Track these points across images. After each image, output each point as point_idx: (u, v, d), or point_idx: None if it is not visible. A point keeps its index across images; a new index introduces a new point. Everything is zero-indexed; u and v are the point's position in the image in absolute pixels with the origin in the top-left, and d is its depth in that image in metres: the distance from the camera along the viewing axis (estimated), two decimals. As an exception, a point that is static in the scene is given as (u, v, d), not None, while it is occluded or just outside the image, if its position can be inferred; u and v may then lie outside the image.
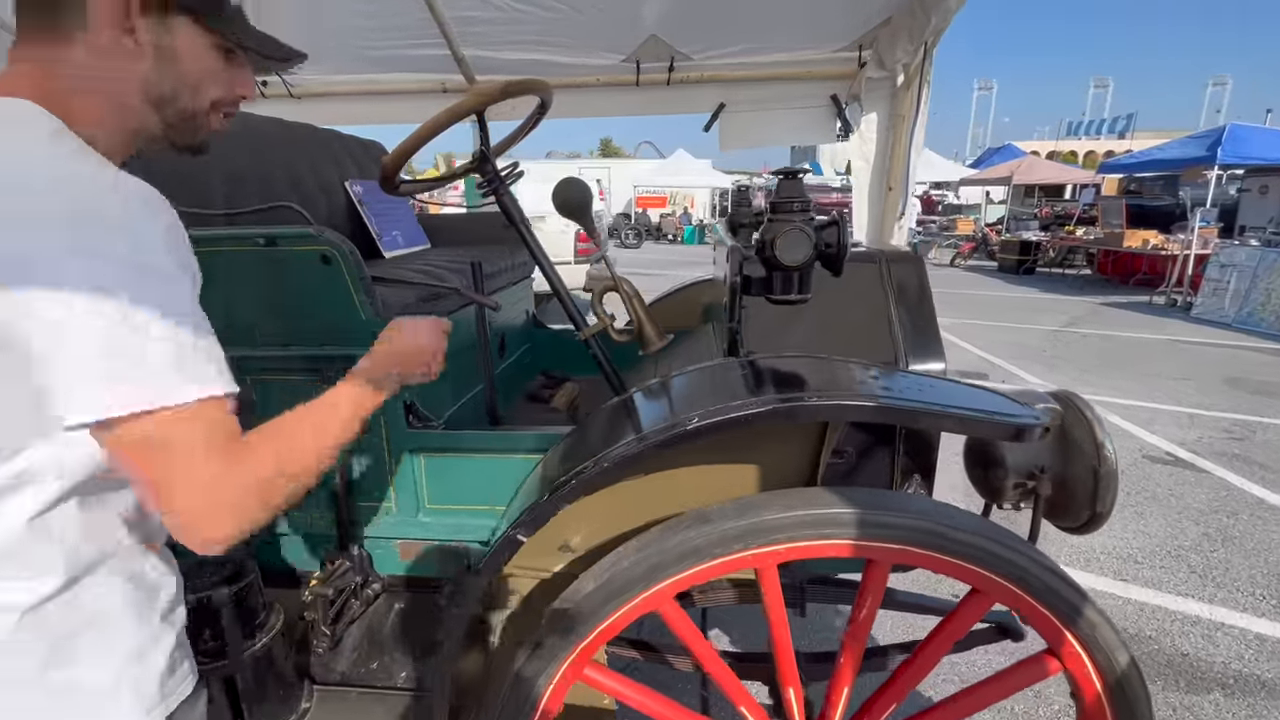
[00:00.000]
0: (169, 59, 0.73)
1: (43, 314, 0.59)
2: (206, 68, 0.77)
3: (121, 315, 0.61)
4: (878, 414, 0.91)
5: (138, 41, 0.71)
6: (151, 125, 0.75)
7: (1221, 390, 5.50)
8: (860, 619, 1.07)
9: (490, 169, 1.45)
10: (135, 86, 0.72)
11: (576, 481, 0.93)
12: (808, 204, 1.10)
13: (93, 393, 0.61)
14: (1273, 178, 12.76)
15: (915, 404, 0.91)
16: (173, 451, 0.64)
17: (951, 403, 0.94)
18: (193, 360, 0.65)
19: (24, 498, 0.64)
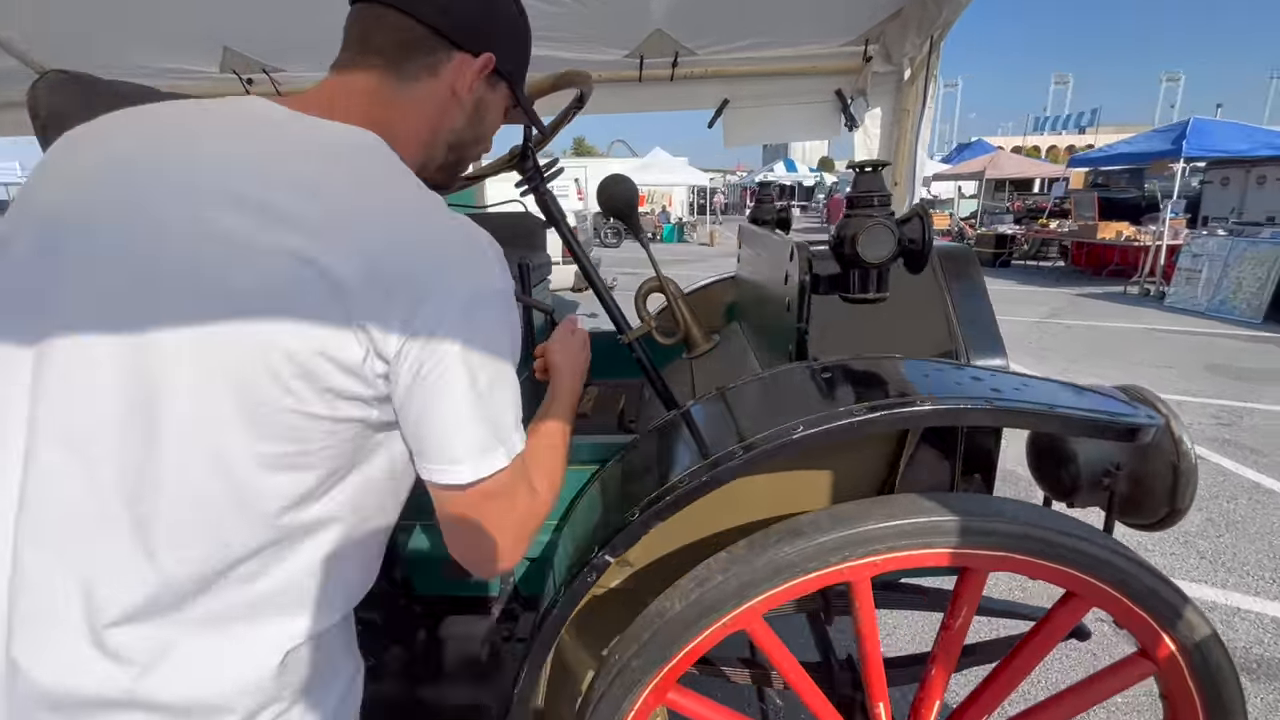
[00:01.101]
0: (481, 113, 0.81)
1: (431, 353, 0.61)
2: (498, 123, 0.86)
3: (498, 371, 0.65)
4: (997, 418, 0.87)
5: (469, 92, 0.77)
6: (433, 164, 0.80)
7: (1204, 377, 5.64)
8: (955, 628, 1.03)
9: (531, 165, 1.38)
10: (446, 131, 0.78)
11: (673, 497, 0.87)
12: (888, 198, 1.06)
13: (466, 451, 0.64)
14: (1233, 169, 13.21)
15: (1032, 406, 0.88)
16: (511, 500, 0.69)
17: (1060, 403, 0.90)
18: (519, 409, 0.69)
19: (330, 534, 0.66)
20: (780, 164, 37.28)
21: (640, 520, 0.89)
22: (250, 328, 0.55)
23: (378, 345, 0.59)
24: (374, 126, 0.68)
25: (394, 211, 0.62)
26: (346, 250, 0.57)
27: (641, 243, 1.42)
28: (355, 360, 0.58)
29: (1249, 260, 8.02)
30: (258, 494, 0.59)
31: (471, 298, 0.62)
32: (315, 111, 0.66)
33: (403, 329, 0.59)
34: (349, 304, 0.57)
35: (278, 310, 0.56)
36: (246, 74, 3.31)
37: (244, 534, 0.60)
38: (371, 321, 0.57)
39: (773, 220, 2.19)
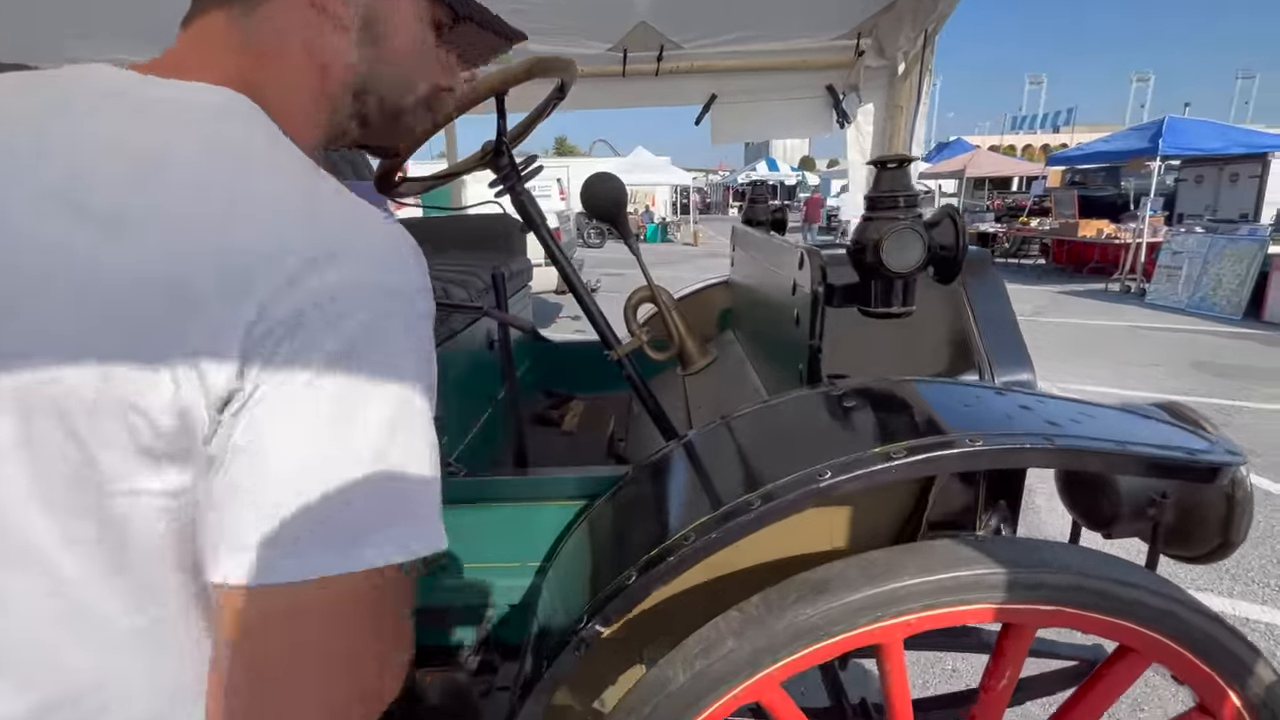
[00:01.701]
0: (380, 31, 0.57)
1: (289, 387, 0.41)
2: (417, 45, 0.60)
3: (399, 415, 0.45)
4: (1062, 459, 0.75)
5: (339, 8, 0.54)
6: (344, 119, 0.59)
7: (1191, 374, 5.64)
8: (998, 690, 0.91)
9: (507, 163, 1.23)
10: (340, 69, 0.56)
11: (676, 557, 0.73)
12: (915, 199, 0.93)
13: (313, 535, 0.41)
14: (1206, 168, 13.40)
15: (1101, 445, 0.75)
16: (367, 634, 0.45)
17: (1131, 438, 0.78)
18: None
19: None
20: (762, 163, 37.31)
21: (638, 584, 0.75)
22: (49, 371, 0.39)
23: (216, 384, 0.40)
24: (238, 83, 0.50)
25: (253, 199, 0.44)
26: (186, 254, 0.40)
27: (631, 247, 1.28)
28: (183, 406, 0.40)
29: (1228, 257, 8.09)
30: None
31: (363, 312, 0.43)
32: (168, 74, 0.49)
33: (254, 355, 0.40)
34: (182, 328, 0.40)
35: (86, 347, 0.39)
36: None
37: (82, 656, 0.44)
38: (210, 351, 0.40)
39: (767, 221, 2.06)
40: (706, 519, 0.75)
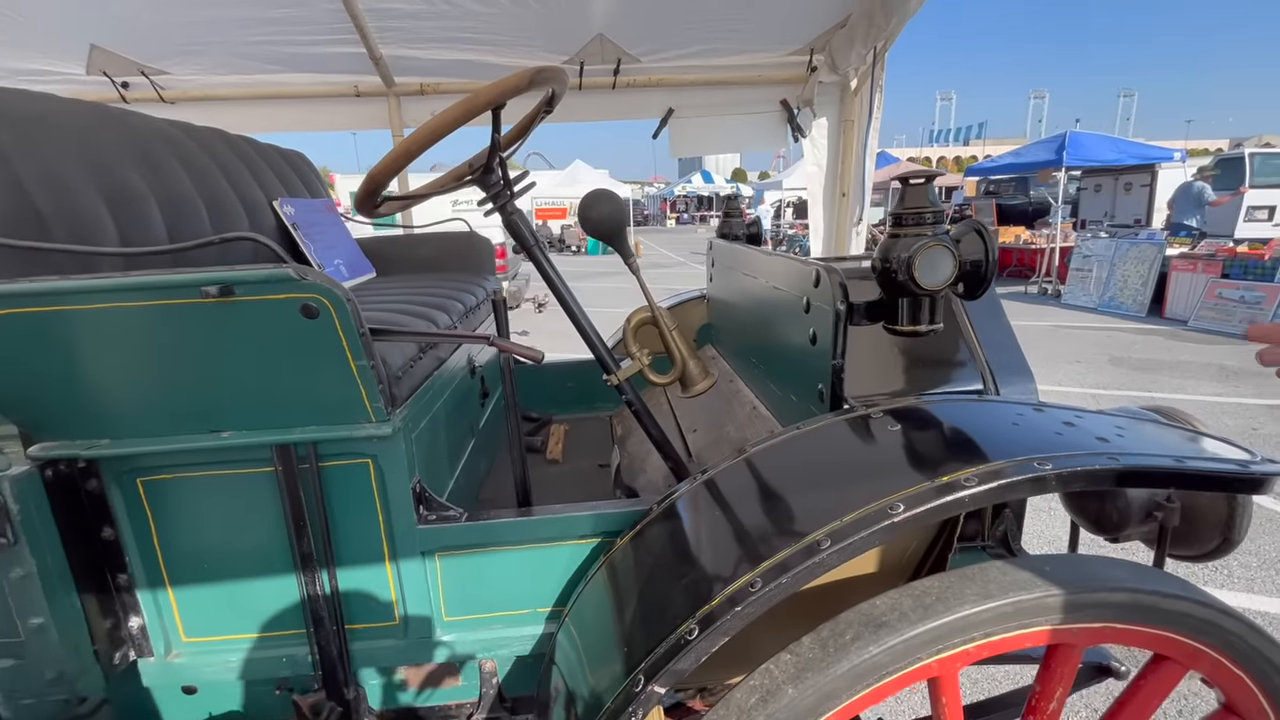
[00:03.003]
0: None
1: None
2: None
3: None
4: (1128, 479, 0.74)
5: None
6: None
7: (1109, 369, 6.05)
8: (1048, 712, 0.89)
9: (498, 180, 1.15)
10: None
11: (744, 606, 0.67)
12: (940, 215, 0.91)
13: None
14: (1104, 177, 14.58)
15: (1161, 464, 0.74)
16: None
17: (1183, 453, 0.78)
18: None
19: None
20: (698, 175, 38.01)
21: (703, 639, 0.68)
22: None
23: None
24: None
25: None
26: None
27: (631, 268, 1.22)
28: None
29: (1131, 259, 8.78)
30: None
31: None
32: None
33: None
34: None
35: None
36: (120, 76, 2.85)
37: None
38: None
39: (743, 235, 2.04)
40: (774, 562, 0.70)
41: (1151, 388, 5.45)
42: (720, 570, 0.76)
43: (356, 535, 1.05)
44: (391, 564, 1.06)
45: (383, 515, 1.04)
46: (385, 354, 0.99)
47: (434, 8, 2.57)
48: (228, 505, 1.01)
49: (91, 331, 0.86)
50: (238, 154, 1.64)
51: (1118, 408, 1.28)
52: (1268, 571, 2.83)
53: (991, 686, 2.16)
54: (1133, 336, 7.40)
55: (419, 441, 1.09)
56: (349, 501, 1.03)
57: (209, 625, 1.08)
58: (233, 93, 2.97)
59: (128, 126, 1.39)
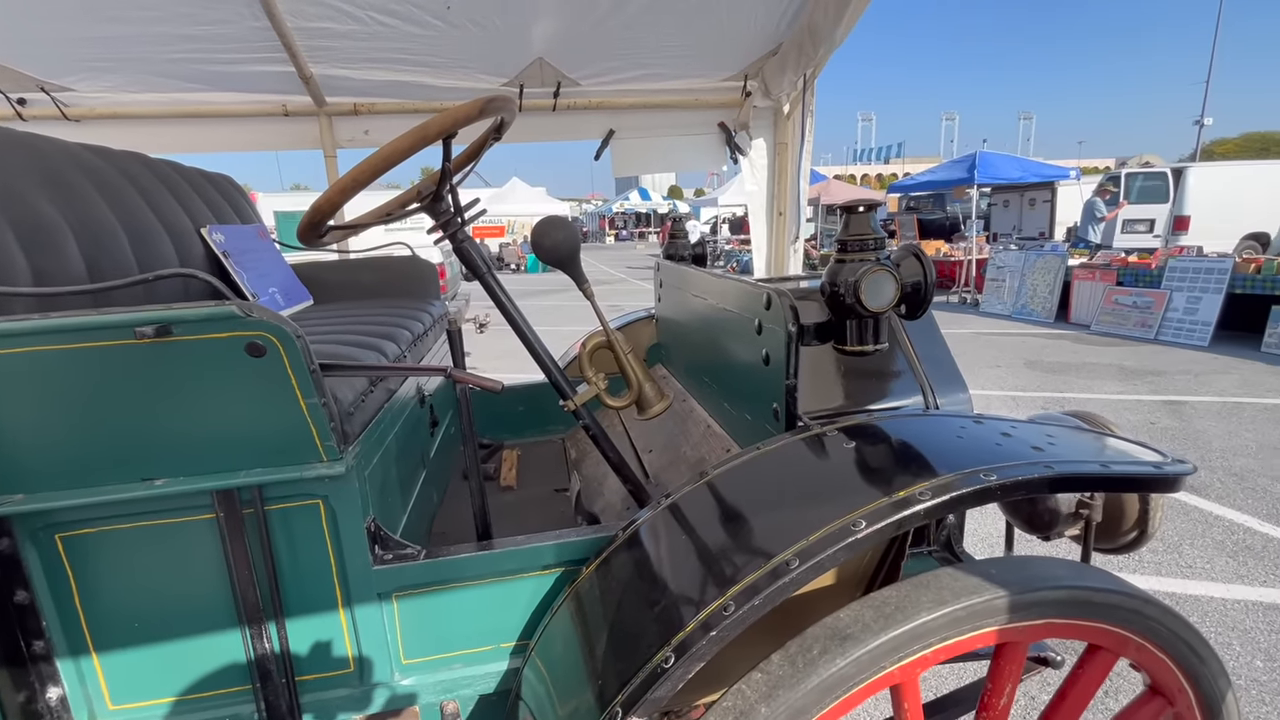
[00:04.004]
0: None
1: None
2: None
3: None
4: (1061, 484, 0.79)
5: None
6: None
7: (1026, 373, 6.48)
8: (999, 708, 0.94)
9: (448, 208, 1.14)
10: None
11: (719, 630, 0.68)
12: (882, 241, 0.97)
13: None
14: (1011, 194, 15.73)
15: (1090, 470, 0.81)
16: None
17: (1106, 459, 0.85)
18: None
19: None
20: (635, 192, 38.47)
21: (679, 666, 0.68)
22: None
23: None
24: None
25: None
26: None
27: (586, 293, 1.22)
28: None
29: (1039, 269, 9.48)
30: None
31: None
32: None
33: None
34: None
35: None
36: (16, 93, 2.64)
37: None
38: None
39: (689, 256, 2.08)
40: (745, 584, 0.71)
41: (1063, 389, 5.87)
42: (691, 595, 0.76)
43: (307, 580, 1.00)
44: (345, 608, 1.02)
45: (335, 558, 0.99)
46: (335, 389, 0.95)
47: (367, 28, 2.52)
48: (161, 558, 0.94)
49: (3, 379, 0.79)
50: (161, 179, 1.54)
51: (1042, 414, 1.38)
52: (1171, 555, 3.09)
53: (939, 684, 2.25)
54: (1044, 341, 7.96)
55: (372, 478, 1.05)
56: (298, 545, 0.98)
57: (139, 689, 0.99)
58: (148, 110, 2.81)
59: (33, 150, 1.29)
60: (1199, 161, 18.08)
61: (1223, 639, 2.49)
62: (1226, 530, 3.29)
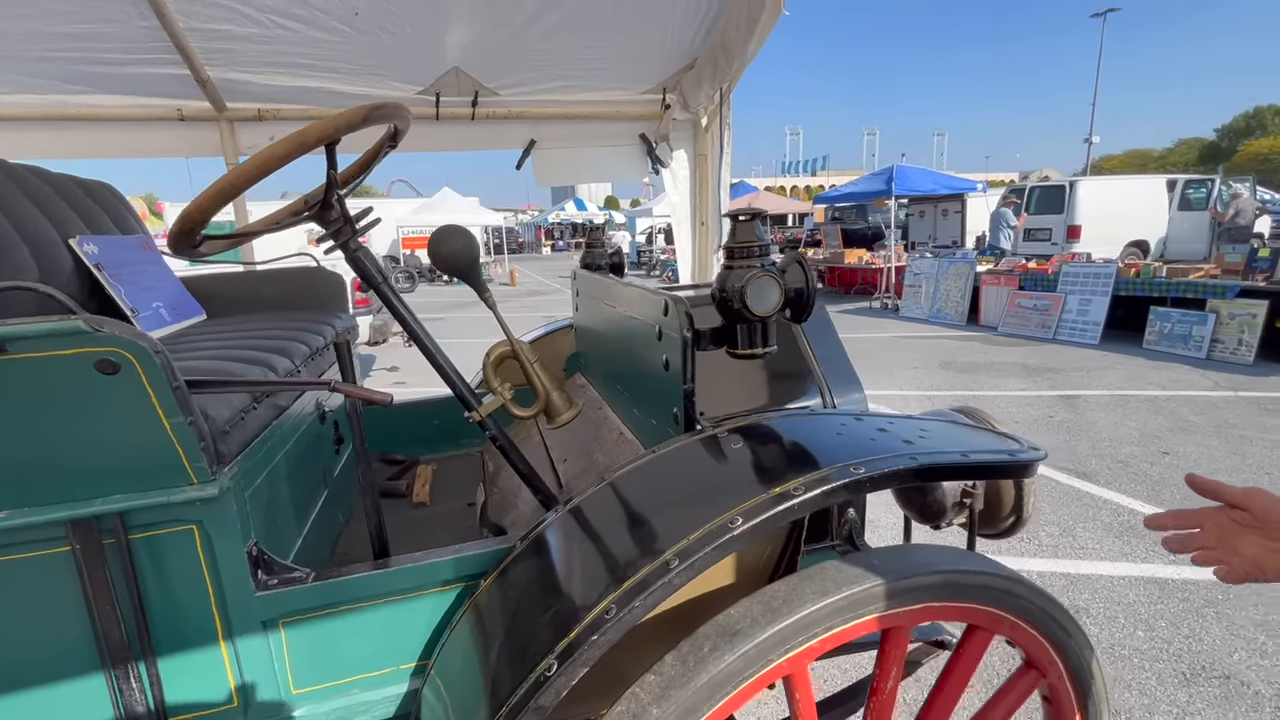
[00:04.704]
0: None
1: None
2: None
3: None
4: (925, 474, 0.84)
5: None
6: None
7: (940, 373, 6.86)
8: (886, 691, 0.98)
9: (338, 216, 1.10)
10: None
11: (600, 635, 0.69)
12: (767, 247, 1.01)
13: None
14: (926, 205, 16.68)
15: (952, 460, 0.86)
16: None
17: (970, 448, 0.91)
18: None
19: None
20: (570, 203, 38.41)
21: (562, 673, 0.68)
22: None
23: None
24: None
25: None
26: None
27: (487, 302, 1.21)
28: None
29: (950, 276, 10.08)
30: None
31: None
32: None
33: None
34: None
35: None
36: None
37: None
38: None
39: (606, 265, 2.10)
40: (626, 587, 0.72)
41: (974, 386, 6.25)
42: (579, 601, 0.77)
43: (182, 612, 0.94)
44: (226, 640, 0.96)
45: (213, 586, 0.93)
46: (208, 407, 0.90)
47: (268, 31, 2.42)
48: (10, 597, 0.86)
49: None
50: (21, 186, 1.42)
51: (931, 410, 1.46)
52: (1066, 538, 3.33)
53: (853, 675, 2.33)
54: (957, 343, 8.45)
55: (255, 499, 1.00)
56: (170, 575, 0.92)
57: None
58: (21, 113, 2.59)
59: None
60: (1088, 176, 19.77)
61: (1110, 613, 2.70)
62: (1114, 513, 3.58)
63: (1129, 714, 2.16)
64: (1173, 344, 7.17)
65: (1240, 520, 0.81)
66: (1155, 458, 4.32)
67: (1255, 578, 0.81)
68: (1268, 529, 0.79)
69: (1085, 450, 4.49)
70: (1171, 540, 0.85)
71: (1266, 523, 0.79)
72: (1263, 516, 0.79)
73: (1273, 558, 0.79)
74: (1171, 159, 55.26)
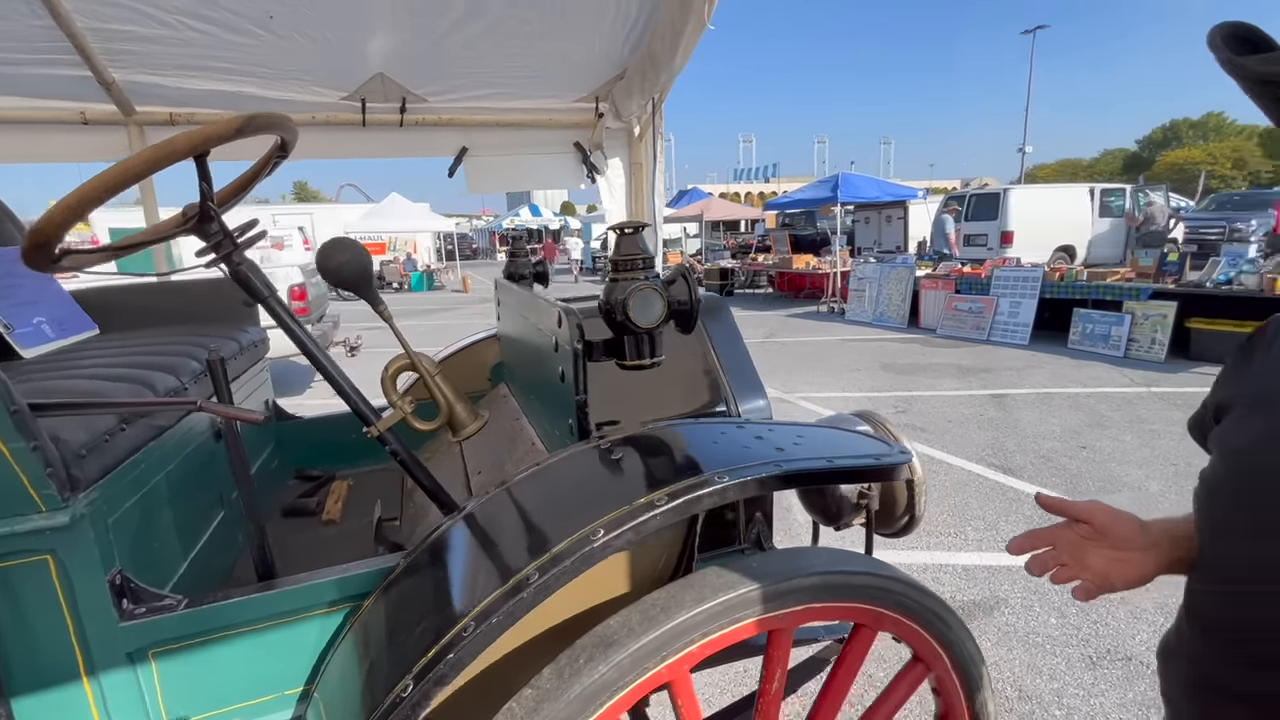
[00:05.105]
0: None
1: None
2: None
3: None
4: (789, 481, 0.86)
5: None
6: None
7: (882, 374, 7.08)
8: (772, 693, 1.01)
9: (218, 229, 1.07)
10: None
11: (455, 654, 0.68)
12: (650, 259, 1.02)
13: None
14: (871, 211, 17.23)
15: (815, 466, 0.89)
16: None
17: (838, 453, 0.94)
18: None
19: None
20: (526, 209, 38.13)
21: (415, 694, 0.68)
22: None
23: None
24: None
25: None
26: None
27: (383, 315, 1.19)
28: None
29: (892, 280, 10.43)
30: None
31: None
32: None
33: None
34: None
35: None
36: None
37: None
38: None
39: (530, 275, 2.10)
40: (486, 603, 0.72)
41: (912, 387, 6.47)
42: (443, 617, 0.76)
43: (39, 648, 0.89)
44: (89, 675, 0.91)
45: (72, 619, 0.89)
46: (60, 430, 0.86)
47: (177, 33, 2.33)
48: None
49: None
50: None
51: (833, 415, 1.51)
52: (990, 532, 3.48)
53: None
54: (899, 345, 8.74)
55: (121, 526, 0.96)
56: (25, 609, 0.87)
57: None
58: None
59: None
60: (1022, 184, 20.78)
61: (1026, 602, 2.83)
62: (1035, 507, 3.76)
63: (1039, 698, 2.27)
64: (1094, 343, 7.59)
65: (1085, 535, 0.83)
66: (1074, 452, 4.56)
67: (1105, 589, 0.83)
68: (1111, 540, 0.83)
69: (1011, 446, 4.70)
70: (1032, 563, 0.87)
71: (1108, 534, 0.83)
72: (1104, 529, 0.83)
73: (1118, 567, 0.83)
74: (1098, 168, 58.70)
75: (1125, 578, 0.82)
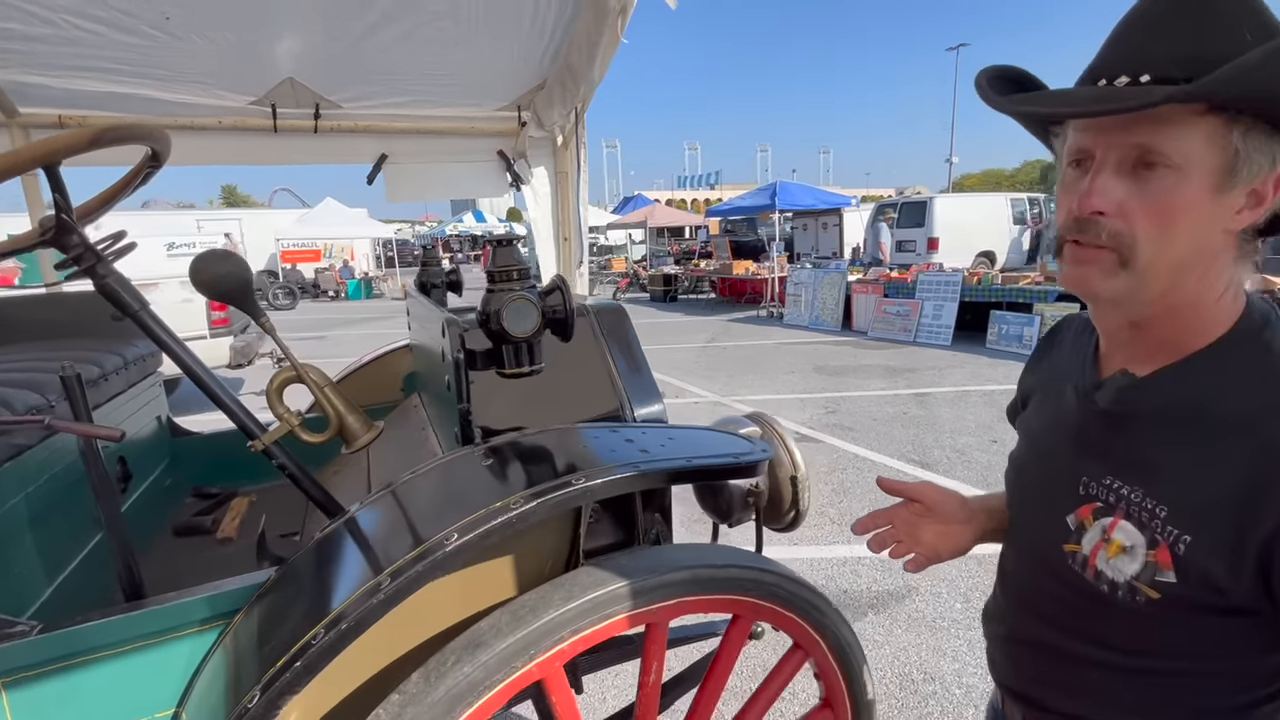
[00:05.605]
0: None
1: None
2: None
3: None
4: (646, 481, 0.91)
5: None
6: None
7: (814, 377, 7.32)
8: (651, 684, 1.05)
9: (79, 242, 1.04)
10: None
11: (303, 662, 0.69)
12: (527, 270, 1.05)
13: None
14: (808, 219, 17.80)
15: (672, 465, 0.94)
16: None
17: (698, 452, 0.99)
18: None
19: None
20: (470, 214, 37.50)
21: (261, 704, 0.68)
22: None
23: None
24: None
25: None
26: None
27: (264, 328, 1.18)
28: None
29: (826, 285, 10.80)
30: None
31: None
32: None
33: None
34: None
35: None
36: None
37: None
38: None
39: (442, 284, 2.09)
40: (337, 611, 0.73)
41: (842, 388, 6.72)
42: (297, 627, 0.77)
43: None
44: (-73, 709, 0.87)
45: (-95, 651, 0.85)
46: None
47: (64, 32, 2.22)
48: None
49: None
50: None
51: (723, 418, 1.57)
52: (906, 524, 3.65)
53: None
54: (832, 348, 9.05)
55: (-34, 551, 0.92)
56: None
57: None
58: None
59: None
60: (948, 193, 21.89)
61: (935, 590, 2.99)
62: (948, 498, 3.97)
63: (942, 679, 2.41)
64: (1009, 343, 8.07)
65: (917, 512, 0.93)
66: (986, 446, 4.84)
67: (934, 560, 0.94)
68: (939, 515, 0.93)
69: (930, 442, 4.95)
70: (873, 541, 0.97)
71: (936, 510, 0.93)
72: (933, 506, 0.93)
73: (944, 540, 0.93)
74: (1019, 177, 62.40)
75: (950, 548, 0.92)
